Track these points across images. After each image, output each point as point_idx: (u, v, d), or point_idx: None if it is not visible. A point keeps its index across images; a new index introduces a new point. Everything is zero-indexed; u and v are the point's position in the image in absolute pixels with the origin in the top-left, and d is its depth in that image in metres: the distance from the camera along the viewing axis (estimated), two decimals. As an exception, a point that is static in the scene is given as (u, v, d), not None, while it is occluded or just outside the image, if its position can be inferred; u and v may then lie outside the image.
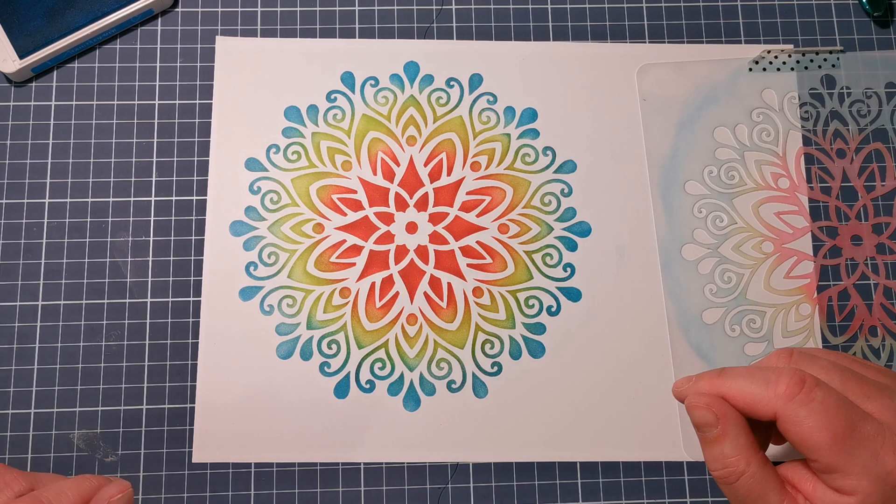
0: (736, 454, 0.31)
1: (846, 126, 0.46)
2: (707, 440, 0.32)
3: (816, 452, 0.30)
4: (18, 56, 0.43)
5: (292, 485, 0.41)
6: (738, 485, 0.31)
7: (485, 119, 0.45)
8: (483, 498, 0.41)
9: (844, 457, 0.30)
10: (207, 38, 0.45)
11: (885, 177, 0.45)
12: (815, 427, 0.30)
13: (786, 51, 0.46)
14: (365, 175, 0.44)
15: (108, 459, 0.41)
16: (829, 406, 0.30)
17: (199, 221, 0.43)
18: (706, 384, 0.32)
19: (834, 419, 0.30)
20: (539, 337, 0.43)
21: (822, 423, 0.30)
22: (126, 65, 0.45)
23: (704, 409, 0.32)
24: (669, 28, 0.47)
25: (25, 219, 0.43)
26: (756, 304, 0.43)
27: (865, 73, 0.46)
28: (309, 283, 0.43)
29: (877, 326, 0.44)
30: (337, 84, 0.45)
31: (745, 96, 0.46)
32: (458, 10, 0.46)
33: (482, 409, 0.42)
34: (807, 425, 0.30)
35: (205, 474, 0.41)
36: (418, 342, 0.42)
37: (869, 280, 0.44)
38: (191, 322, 0.42)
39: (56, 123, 0.44)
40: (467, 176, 0.44)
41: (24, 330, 0.42)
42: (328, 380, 0.42)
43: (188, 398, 0.41)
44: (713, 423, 0.32)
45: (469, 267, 0.43)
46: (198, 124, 0.44)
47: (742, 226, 0.44)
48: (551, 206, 0.44)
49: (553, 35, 0.46)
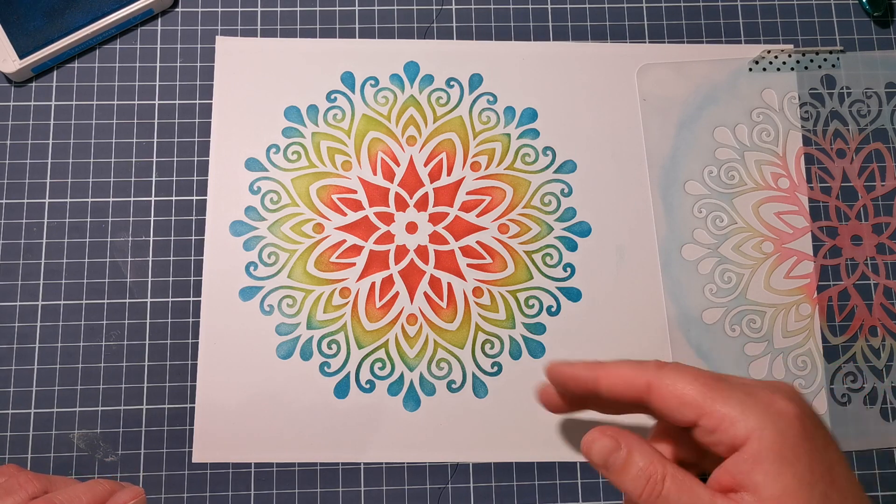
0: (650, 461, 0.31)
1: (846, 126, 0.46)
2: (618, 468, 0.32)
3: (693, 408, 0.30)
4: (18, 56, 0.43)
5: (292, 485, 0.41)
6: (666, 490, 0.31)
7: (485, 119, 0.45)
8: (483, 498, 0.41)
9: (721, 401, 0.30)
10: (207, 38, 0.45)
11: (885, 177, 0.45)
12: (685, 383, 0.30)
13: (786, 51, 0.46)
14: (365, 175, 0.44)
15: (108, 459, 0.41)
16: (695, 368, 0.31)
17: (199, 221, 0.43)
18: (582, 369, 0.33)
19: (701, 374, 0.31)
20: (539, 337, 0.43)
21: (691, 377, 0.31)
22: (126, 65, 0.45)
23: (601, 438, 0.32)
24: (669, 28, 0.47)
25: (25, 219, 0.43)
26: (756, 304, 0.43)
27: (865, 73, 0.46)
28: (309, 283, 0.43)
29: (877, 326, 0.44)
30: (337, 84, 0.45)
31: (745, 96, 0.46)
32: (458, 10, 0.46)
33: (482, 409, 0.42)
34: (678, 385, 0.31)
35: (205, 474, 0.41)
36: (418, 342, 0.42)
37: (869, 280, 0.44)
38: (191, 322, 0.42)
39: (56, 123, 0.44)
40: (467, 176, 0.44)
41: (24, 330, 0.42)
42: (328, 380, 0.42)
43: (188, 398, 0.41)
44: (616, 446, 0.32)
45: (469, 267, 0.43)
46: (198, 124, 0.44)
47: (742, 226, 0.44)
48: (551, 206, 0.44)
49: (553, 35, 0.46)
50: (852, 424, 0.42)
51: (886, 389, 0.43)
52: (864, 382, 0.43)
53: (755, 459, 0.29)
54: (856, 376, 0.43)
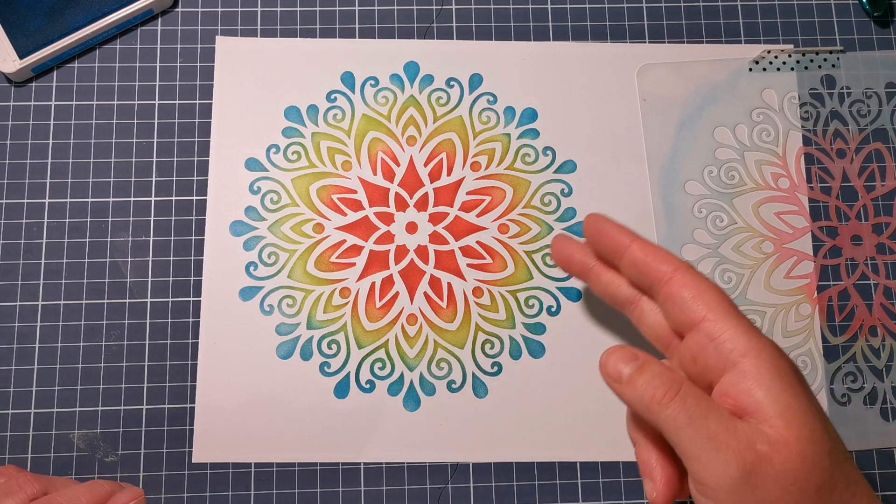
0: (667, 369, 0.31)
1: (846, 126, 0.46)
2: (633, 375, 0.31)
3: (703, 308, 0.30)
4: (18, 56, 0.43)
5: (292, 485, 0.41)
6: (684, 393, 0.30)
7: (485, 119, 0.45)
8: (483, 498, 0.41)
9: (732, 316, 0.30)
10: (207, 38, 0.45)
11: (885, 177, 0.45)
12: (708, 285, 0.31)
13: (786, 51, 0.46)
14: (365, 175, 0.44)
15: (108, 459, 0.41)
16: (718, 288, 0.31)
17: (199, 221, 0.43)
18: (621, 230, 0.34)
19: (720, 291, 0.31)
20: (539, 337, 0.43)
21: (713, 285, 0.31)
22: (126, 65, 0.45)
23: (620, 350, 0.32)
24: (669, 28, 0.47)
25: (25, 219, 0.43)
26: (756, 304, 0.43)
27: (865, 73, 0.46)
28: (309, 283, 0.43)
29: (877, 326, 0.44)
30: (337, 84, 0.45)
31: (745, 96, 0.46)
32: (458, 10, 0.46)
33: (482, 409, 0.42)
34: (701, 283, 0.31)
35: (205, 474, 0.41)
36: (418, 342, 0.42)
37: (869, 280, 0.44)
38: (191, 322, 0.42)
39: (56, 123, 0.44)
40: (467, 176, 0.44)
41: (24, 330, 0.42)
42: (328, 380, 0.42)
43: (188, 398, 0.41)
44: (634, 356, 0.32)
45: (469, 267, 0.43)
46: (198, 124, 0.44)
47: (742, 226, 0.44)
48: (551, 206, 0.44)
49: (553, 35, 0.46)
50: (852, 424, 0.42)
51: (886, 389, 0.43)
52: (864, 382, 0.43)
53: (755, 376, 0.29)
54: (856, 376, 0.43)
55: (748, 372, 0.29)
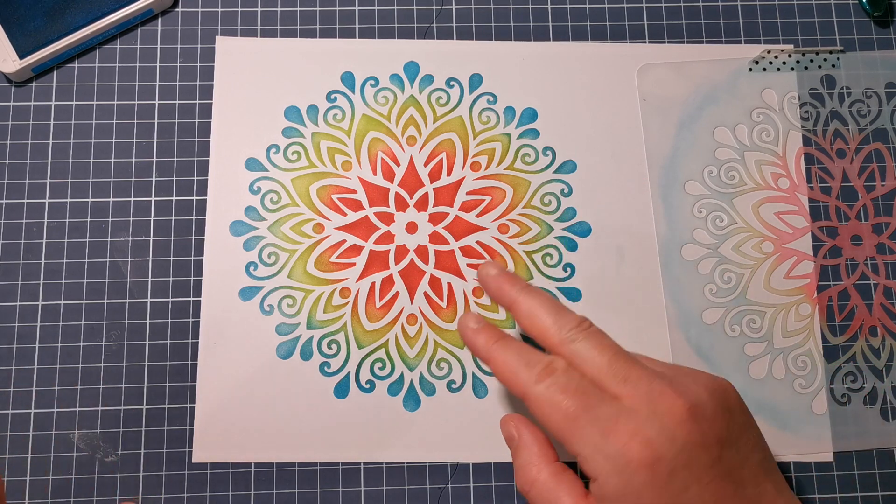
0: (529, 463, 0.33)
1: (846, 126, 0.46)
2: (512, 454, 0.35)
3: (554, 434, 0.32)
4: (18, 56, 0.43)
5: (292, 485, 0.41)
6: (533, 493, 0.33)
7: (485, 119, 0.45)
8: (483, 498, 0.41)
9: (576, 437, 0.31)
10: (207, 38, 0.45)
11: (885, 177, 0.45)
12: (550, 408, 0.31)
13: (786, 51, 0.46)
14: (365, 175, 0.44)
15: (108, 459, 0.41)
16: (567, 387, 0.32)
17: (199, 221, 0.43)
18: (483, 340, 0.35)
19: (567, 400, 0.31)
20: (539, 337, 0.43)
21: (556, 403, 0.31)
22: (126, 65, 0.45)
23: (507, 425, 0.35)
24: (669, 28, 0.47)
25: (25, 219, 0.43)
26: (756, 304, 0.43)
27: (865, 73, 0.46)
28: (309, 283, 0.43)
29: (877, 326, 0.44)
30: (337, 84, 0.45)
31: (745, 96, 0.46)
32: (458, 10, 0.46)
33: (482, 409, 0.42)
34: (545, 407, 0.32)
35: (205, 474, 0.41)
36: (418, 342, 0.42)
37: (869, 280, 0.44)
38: (191, 322, 0.42)
39: (56, 123, 0.44)
40: (467, 176, 0.44)
41: (24, 330, 0.42)
42: (328, 380, 0.42)
43: (188, 398, 0.41)
44: (513, 435, 0.34)
45: (469, 267, 0.43)
46: (198, 124, 0.44)
47: (742, 226, 0.44)
48: (551, 206, 0.44)
49: (553, 35, 0.46)
50: (852, 424, 0.42)
51: (886, 389, 0.43)
52: (864, 382, 0.43)
53: (600, 498, 0.31)
54: (856, 376, 0.43)
55: (596, 492, 0.31)
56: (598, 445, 0.30)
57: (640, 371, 0.32)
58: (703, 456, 0.30)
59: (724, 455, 0.31)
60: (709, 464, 0.30)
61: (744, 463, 0.32)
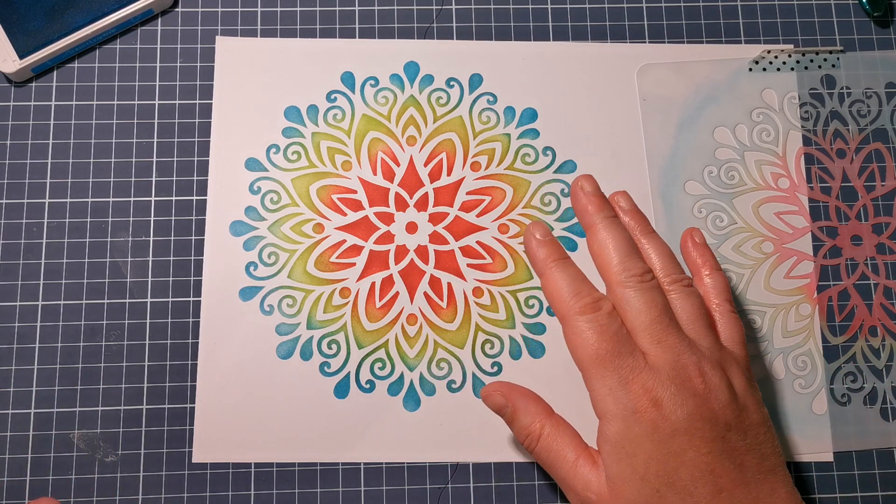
0: (531, 421, 0.36)
1: (846, 126, 0.46)
2: (508, 421, 0.37)
3: (577, 363, 0.34)
4: (18, 56, 0.43)
5: (292, 485, 0.41)
6: (539, 447, 0.35)
7: (485, 119, 0.45)
8: (483, 498, 0.41)
9: (596, 376, 0.33)
10: (207, 38, 0.45)
11: (885, 177, 0.45)
12: (583, 343, 0.34)
13: (786, 51, 0.46)
14: (365, 175, 0.44)
15: (108, 459, 0.41)
16: (605, 330, 0.34)
17: (199, 221, 0.43)
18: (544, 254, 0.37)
19: (602, 342, 0.34)
20: (539, 337, 0.43)
21: (589, 340, 0.34)
22: (126, 65, 0.45)
23: (493, 395, 0.37)
24: (669, 28, 0.47)
25: (25, 219, 0.43)
26: (756, 303, 0.43)
27: (865, 73, 0.46)
28: (309, 283, 0.43)
29: (877, 326, 0.44)
30: (337, 84, 0.45)
31: (745, 96, 0.46)
32: (458, 10, 0.46)
33: (482, 409, 0.42)
34: (578, 339, 0.34)
35: (205, 474, 0.41)
36: (418, 342, 0.42)
37: (869, 280, 0.44)
38: (191, 322, 0.42)
39: (56, 123, 0.44)
40: (467, 176, 0.44)
41: (24, 330, 0.42)
42: (328, 380, 0.42)
43: (188, 398, 0.41)
44: (504, 403, 0.36)
45: (469, 267, 0.43)
46: (198, 124, 0.44)
47: (742, 226, 0.44)
48: (551, 206, 0.44)
49: (553, 35, 0.46)
50: (852, 424, 0.42)
51: (886, 389, 0.43)
52: (864, 382, 0.43)
53: (603, 438, 0.34)
54: (856, 376, 0.43)
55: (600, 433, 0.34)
56: (613, 389, 0.33)
57: (674, 340, 0.34)
58: (707, 429, 0.32)
59: (728, 436, 0.32)
60: (711, 438, 0.32)
61: (749, 450, 0.33)
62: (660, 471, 0.32)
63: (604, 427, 0.33)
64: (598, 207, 0.38)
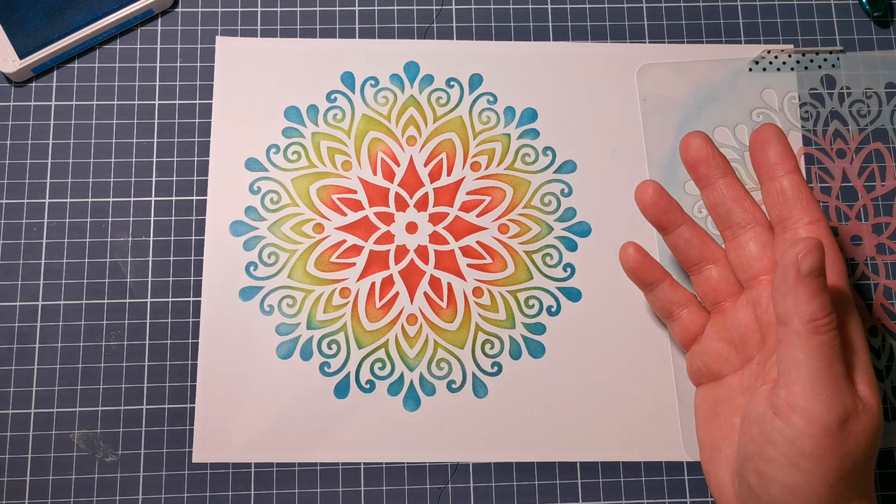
0: (832, 306, 0.32)
1: (846, 126, 0.46)
2: (812, 289, 0.31)
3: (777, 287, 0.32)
4: (18, 56, 0.43)
5: (292, 485, 0.41)
6: (835, 333, 0.31)
7: (485, 119, 0.45)
8: (483, 498, 0.41)
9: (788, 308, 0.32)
10: (207, 38, 0.45)
11: (885, 177, 0.45)
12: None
13: (786, 51, 0.46)
14: (365, 175, 0.44)
15: (108, 459, 0.41)
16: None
17: (199, 221, 0.43)
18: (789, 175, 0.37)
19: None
20: (539, 337, 0.43)
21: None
22: (126, 65, 0.45)
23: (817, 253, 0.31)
24: (669, 28, 0.47)
25: (25, 219, 0.43)
26: (756, 304, 0.43)
27: (865, 73, 0.46)
28: (309, 283, 0.43)
29: (877, 326, 0.44)
30: (337, 84, 0.45)
31: (745, 96, 0.46)
32: (458, 10, 0.46)
33: (482, 409, 0.42)
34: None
35: (205, 474, 0.41)
36: (418, 342, 0.42)
37: (869, 280, 0.44)
38: (191, 322, 0.42)
39: (56, 123, 0.44)
40: (467, 176, 0.44)
41: (24, 330, 0.42)
42: (328, 380, 0.42)
43: (188, 398, 0.41)
44: (823, 269, 0.31)
45: (469, 267, 0.43)
46: (198, 124, 0.44)
47: (742, 226, 0.44)
48: (551, 206, 0.44)
49: (553, 35, 0.46)
50: (852, 424, 0.42)
51: (886, 389, 0.43)
52: (864, 382, 0.43)
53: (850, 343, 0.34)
54: (856, 376, 0.43)
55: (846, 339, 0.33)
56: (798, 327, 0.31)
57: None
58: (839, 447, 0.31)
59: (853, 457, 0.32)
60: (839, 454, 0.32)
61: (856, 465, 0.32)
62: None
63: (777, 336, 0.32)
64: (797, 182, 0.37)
